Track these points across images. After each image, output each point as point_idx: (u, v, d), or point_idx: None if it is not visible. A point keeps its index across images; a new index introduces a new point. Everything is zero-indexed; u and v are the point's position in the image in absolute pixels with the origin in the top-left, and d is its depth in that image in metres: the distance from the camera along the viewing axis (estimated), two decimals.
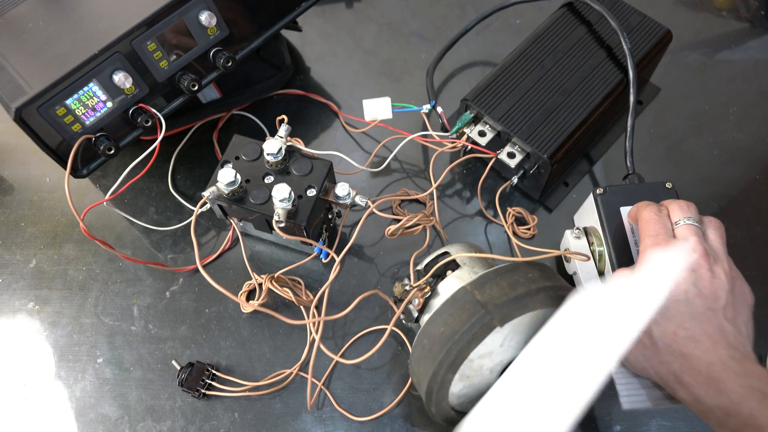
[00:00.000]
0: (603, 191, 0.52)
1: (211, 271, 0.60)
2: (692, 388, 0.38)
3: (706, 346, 0.38)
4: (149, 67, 0.53)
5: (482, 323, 0.41)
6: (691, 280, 0.40)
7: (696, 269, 0.41)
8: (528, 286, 0.42)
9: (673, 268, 0.39)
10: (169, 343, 0.56)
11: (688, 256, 0.41)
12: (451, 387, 0.45)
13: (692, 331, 0.39)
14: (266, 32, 0.61)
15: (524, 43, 0.63)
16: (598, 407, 0.53)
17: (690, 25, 0.75)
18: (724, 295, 0.40)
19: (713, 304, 0.40)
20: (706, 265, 0.41)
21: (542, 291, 0.42)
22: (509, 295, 0.42)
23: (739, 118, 0.68)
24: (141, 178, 0.57)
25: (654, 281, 0.38)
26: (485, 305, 0.41)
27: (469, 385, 0.46)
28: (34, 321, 0.58)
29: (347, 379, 0.55)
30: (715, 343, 0.38)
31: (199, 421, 0.53)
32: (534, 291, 0.42)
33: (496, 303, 0.41)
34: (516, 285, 0.42)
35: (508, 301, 0.41)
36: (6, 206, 0.64)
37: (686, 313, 0.40)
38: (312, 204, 0.52)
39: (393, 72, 0.72)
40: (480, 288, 0.43)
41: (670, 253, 0.40)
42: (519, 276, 0.43)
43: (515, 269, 0.44)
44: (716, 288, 0.40)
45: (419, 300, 0.49)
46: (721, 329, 0.39)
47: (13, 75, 0.51)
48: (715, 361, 0.38)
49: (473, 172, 0.65)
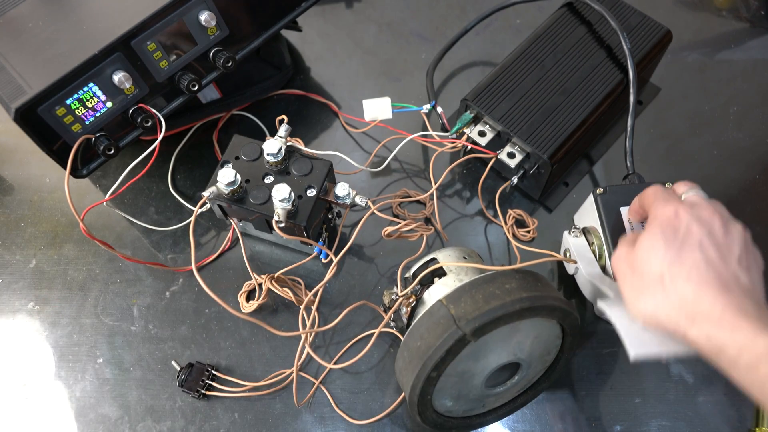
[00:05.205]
0: (603, 191, 0.52)
1: (211, 271, 0.60)
2: (705, 326, 0.37)
3: (720, 289, 0.38)
4: (149, 67, 0.53)
5: (455, 339, 0.40)
6: (705, 231, 0.40)
7: (710, 223, 0.41)
8: (503, 299, 0.41)
9: (685, 214, 0.40)
10: (169, 344, 0.56)
11: (701, 209, 0.41)
12: (435, 397, 0.45)
13: (706, 275, 0.39)
14: (266, 32, 0.61)
15: (524, 43, 0.63)
16: (598, 407, 0.53)
17: (690, 25, 0.75)
18: (737, 248, 0.40)
19: (727, 253, 0.40)
20: (719, 222, 0.41)
21: (518, 303, 0.41)
22: (482, 309, 0.41)
23: (739, 118, 0.68)
24: (141, 178, 0.57)
25: (666, 229, 0.39)
26: (458, 320, 0.41)
27: (456, 395, 0.46)
28: (34, 321, 0.58)
29: (347, 379, 0.55)
30: (729, 287, 0.38)
31: (199, 421, 0.53)
32: (509, 303, 0.41)
33: (469, 318, 0.41)
34: (491, 298, 0.42)
35: (480, 315, 0.41)
36: (6, 206, 0.64)
37: (701, 258, 0.39)
38: (312, 204, 0.52)
39: (393, 72, 0.72)
40: (455, 302, 0.42)
41: (682, 205, 0.41)
42: (495, 287, 0.42)
43: (492, 280, 0.43)
44: (730, 241, 0.40)
45: (406, 309, 0.49)
46: (736, 276, 0.39)
47: (13, 75, 0.51)
48: (730, 302, 0.37)
49: (473, 172, 0.65)
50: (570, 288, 0.58)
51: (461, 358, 0.42)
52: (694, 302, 0.38)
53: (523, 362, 0.46)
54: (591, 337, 0.56)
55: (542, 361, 0.47)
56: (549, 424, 0.53)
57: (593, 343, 0.56)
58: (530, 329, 0.44)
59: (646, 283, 0.40)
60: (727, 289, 0.38)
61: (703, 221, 0.41)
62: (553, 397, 0.54)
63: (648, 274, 0.40)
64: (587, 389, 0.54)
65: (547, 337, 0.46)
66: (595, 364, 0.55)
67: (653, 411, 0.53)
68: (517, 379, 0.47)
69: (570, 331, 0.45)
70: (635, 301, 0.41)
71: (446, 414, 0.48)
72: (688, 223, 0.41)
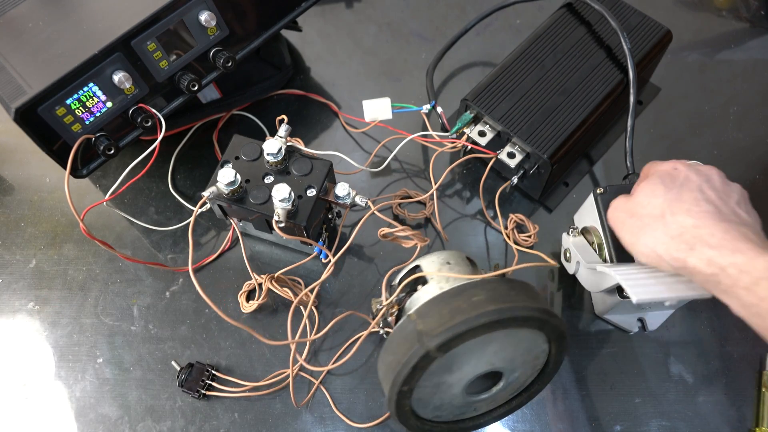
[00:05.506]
0: (603, 191, 0.52)
1: (211, 271, 0.60)
2: (705, 250, 0.38)
3: (719, 219, 0.39)
4: (149, 67, 0.53)
5: (420, 355, 0.40)
6: (703, 179, 0.41)
7: (708, 174, 0.42)
8: (468, 314, 0.40)
9: (683, 167, 0.42)
10: (169, 344, 0.56)
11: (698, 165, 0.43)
12: (416, 406, 0.44)
13: (706, 208, 0.40)
14: (266, 32, 0.61)
15: (524, 43, 0.63)
16: (598, 407, 0.53)
17: (690, 25, 0.75)
18: (736, 195, 0.41)
19: (726, 197, 0.41)
20: (717, 174, 0.42)
21: (482, 317, 0.40)
22: (446, 325, 0.40)
23: (739, 118, 0.68)
24: (141, 178, 0.57)
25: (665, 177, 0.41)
26: (422, 336, 0.40)
27: (439, 404, 0.45)
28: (34, 321, 0.58)
29: (347, 379, 0.55)
30: (728, 219, 0.39)
31: (199, 421, 0.53)
32: (472, 318, 0.40)
33: (433, 334, 0.40)
34: (456, 313, 0.40)
35: (444, 331, 0.40)
36: (6, 206, 0.64)
37: (700, 198, 0.40)
38: (312, 204, 0.52)
39: (393, 72, 0.72)
40: (423, 317, 0.42)
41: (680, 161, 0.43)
42: (462, 301, 0.41)
43: (461, 293, 0.42)
44: (729, 190, 0.41)
45: (392, 318, 0.49)
46: (735, 212, 0.40)
47: (13, 75, 0.51)
48: (729, 228, 0.38)
49: (473, 172, 0.65)
50: (569, 289, 0.59)
51: (432, 372, 0.41)
52: (693, 229, 0.39)
53: (504, 370, 0.45)
54: (591, 337, 0.56)
55: (531, 366, 0.46)
56: (549, 424, 0.53)
57: (593, 343, 0.56)
58: (505, 339, 0.43)
59: (645, 222, 0.41)
60: (726, 220, 0.39)
61: (701, 173, 0.42)
62: (553, 397, 0.54)
63: (648, 216, 0.41)
64: (587, 389, 0.54)
65: (530, 344, 0.44)
66: (595, 364, 0.55)
67: (653, 411, 0.53)
68: (503, 385, 0.46)
69: (554, 337, 0.44)
70: (635, 243, 0.42)
71: (435, 419, 0.47)
72: (687, 173, 0.42)
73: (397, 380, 0.41)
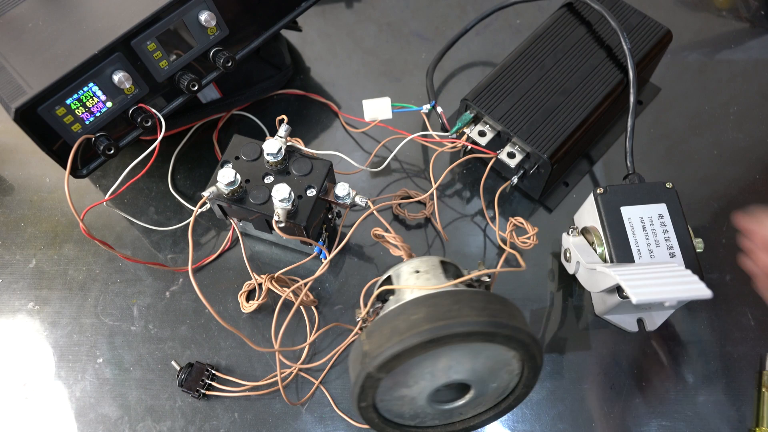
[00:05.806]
0: (603, 191, 0.52)
1: (211, 271, 0.60)
2: None
3: None
4: (149, 67, 0.53)
5: (363, 377, 0.39)
6: None
7: None
8: (402, 334, 0.39)
9: None
10: (168, 343, 0.56)
11: None
12: (390, 416, 0.44)
13: None
14: (266, 32, 0.61)
15: (524, 43, 0.63)
16: (598, 407, 0.53)
17: (690, 25, 0.75)
18: None
19: None
20: None
21: (416, 337, 0.38)
22: (383, 347, 0.39)
23: (739, 118, 0.68)
24: (141, 178, 0.57)
25: None
26: (365, 358, 0.40)
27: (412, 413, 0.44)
28: (34, 321, 0.58)
29: (347, 379, 0.55)
30: None
31: (199, 421, 0.53)
32: (407, 338, 0.38)
33: (373, 355, 0.39)
34: (393, 333, 0.39)
35: (381, 353, 0.39)
36: (6, 206, 0.64)
37: None
38: (312, 204, 0.52)
39: (393, 72, 0.72)
40: (369, 336, 0.41)
41: None
42: (401, 320, 0.40)
43: (402, 312, 0.41)
44: None
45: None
46: None
47: (13, 75, 0.51)
48: None
49: (473, 172, 0.65)
50: (568, 289, 0.59)
51: (387, 388, 0.41)
52: None
53: (468, 381, 0.43)
54: (591, 337, 0.56)
55: (506, 372, 0.44)
56: (549, 424, 0.53)
57: (593, 343, 0.56)
58: (454, 353, 0.41)
59: None
60: None
61: None
62: (553, 397, 0.54)
63: None
64: (587, 389, 0.54)
65: (491, 354, 0.42)
66: (595, 364, 0.55)
67: (653, 411, 0.53)
68: (475, 393, 0.44)
69: (514, 347, 0.41)
70: None
71: (420, 425, 0.46)
72: None
73: (353, 398, 0.41)
